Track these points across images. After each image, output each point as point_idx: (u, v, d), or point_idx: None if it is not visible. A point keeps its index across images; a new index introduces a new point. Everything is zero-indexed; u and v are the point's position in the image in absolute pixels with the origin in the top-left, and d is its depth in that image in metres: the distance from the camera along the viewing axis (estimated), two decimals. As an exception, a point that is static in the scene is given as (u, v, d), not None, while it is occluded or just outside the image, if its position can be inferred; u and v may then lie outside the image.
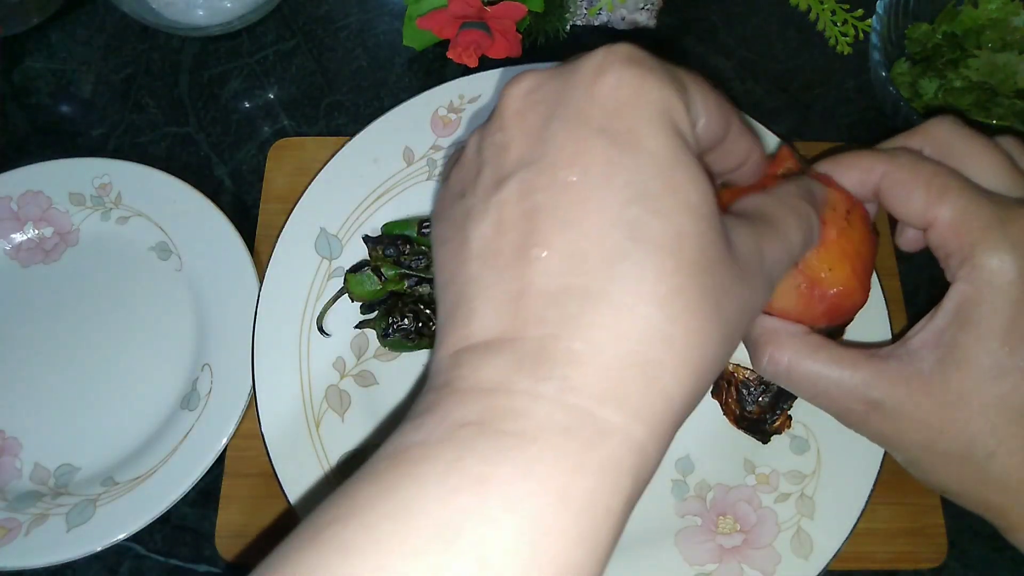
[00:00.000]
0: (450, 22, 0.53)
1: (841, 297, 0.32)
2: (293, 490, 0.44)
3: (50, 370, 0.50)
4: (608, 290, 0.22)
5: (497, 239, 0.24)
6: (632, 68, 0.25)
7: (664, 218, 0.23)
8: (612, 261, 0.22)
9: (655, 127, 0.24)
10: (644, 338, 0.22)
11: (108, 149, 0.58)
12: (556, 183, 0.24)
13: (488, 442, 0.21)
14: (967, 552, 0.48)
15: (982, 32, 0.54)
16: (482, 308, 0.24)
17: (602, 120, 0.24)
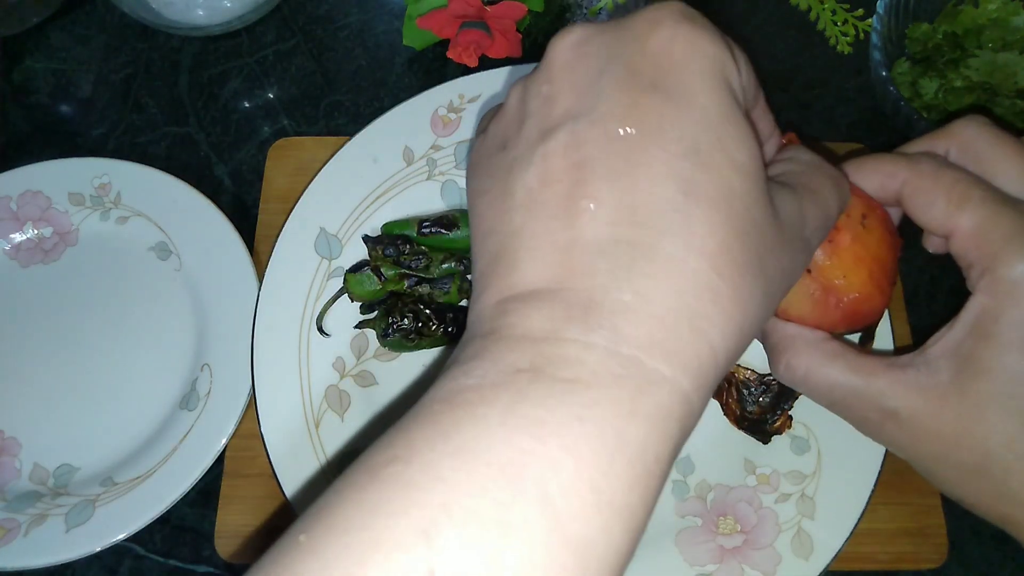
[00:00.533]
0: (450, 22, 0.53)
1: (858, 303, 0.31)
2: (293, 490, 0.44)
3: (49, 370, 0.50)
4: (658, 243, 0.22)
5: (543, 189, 0.24)
6: (686, 24, 0.25)
7: (715, 173, 0.23)
8: (663, 214, 0.23)
9: (708, 83, 0.24)
10: (692, 291, 0.22)
11: (108, 149, 0.58)
12: (607, 136, 0.24)
13: (543, 387, 0.21)
14: (968, 552, 0.48)
15: (982, 32, 0.54)
16: (528, 258, 0.24)
17: (655, 74, 0.24)
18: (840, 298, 0.31)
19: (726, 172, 0.23)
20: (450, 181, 0.52)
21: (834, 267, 0.31)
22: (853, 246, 0.31)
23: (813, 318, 0.32)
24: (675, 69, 0.24)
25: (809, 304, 0.32)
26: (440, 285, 0.48)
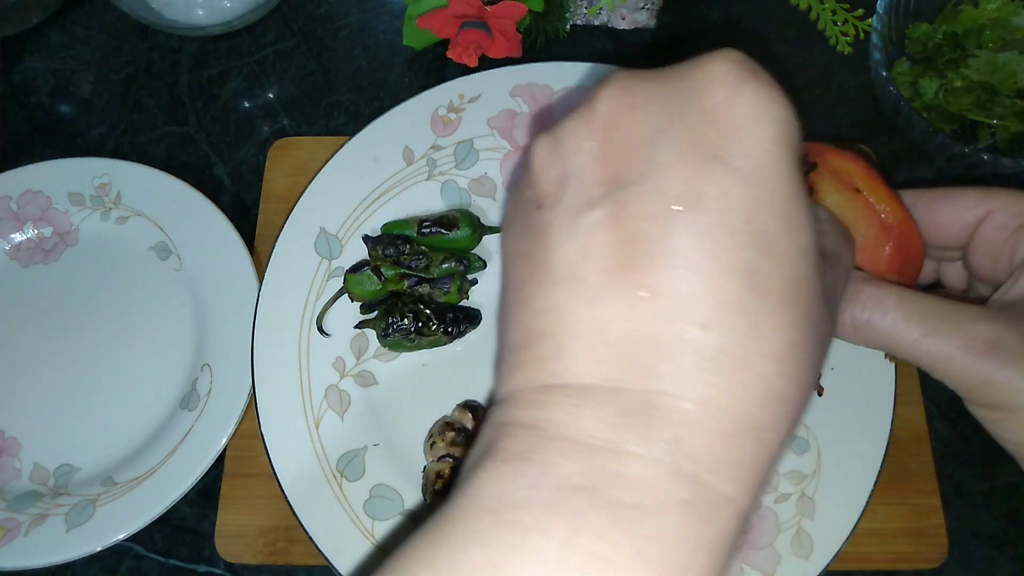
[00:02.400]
0: (450, 21, 0.53)
1: (907, 236, 0.30)
2: (293, 490, 0.44)
3: (49, 370, 0.50)
4: (724, 343, 0.20)
5: (586, 266, 0.22)
6: (750, 81, 0.22)
7: (781, 264, 0.21)
8: (728, 310, 0.20)
9: (776, 156, 0.22)
10: (760, 400, 0.21)
11: (107, 149, 0.58)
12: (662, 211, 0.21)
13: (603, 515, 0.20)
14: (967, 552, 0.48)
15: (982, 32, 0.54)
16: (574, 345, 0.22)
17: (716, 142, 0.21)
18: (890, 231, 0.30)
19: (792, 261, 0.21)
20: (450, 181, 0.52)
21: (876, 201, 0.30)
22: (885, 185, 0.30)
23: (865, 261, 0.30)
24: (739, 135, 0.22)
25: (870, 240, 0.30)
26: (440, 285, 0.48)
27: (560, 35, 0.60)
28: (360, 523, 0.44)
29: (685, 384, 0.20)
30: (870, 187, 0.30)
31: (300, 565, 0.46)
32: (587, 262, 0.22)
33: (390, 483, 0.45)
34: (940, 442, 0.50)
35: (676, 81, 0.23)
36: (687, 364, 0.20)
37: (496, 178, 0.53)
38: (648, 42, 0.62)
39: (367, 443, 0.46)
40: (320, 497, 0.44)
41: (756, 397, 0.21)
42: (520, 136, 0.54)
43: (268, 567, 0.46)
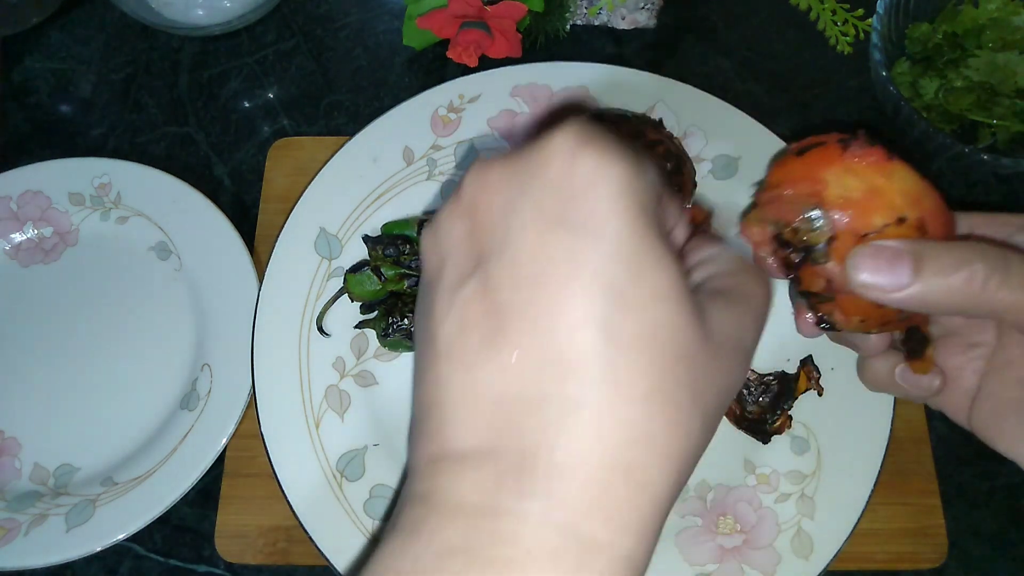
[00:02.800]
0: (450, 21, 0.53)
1: (940, 209, 0.29)
2: (293, 490, 0.44)
3: (49, 370, 0.50)
4: (585, 395, 0.22)
5: (462, 337, 0.23)
6: (584, 147, 0.23)
7: (635, 312, 0.22)
8: (587, 362, 0.22)
9: (617, 208, 0.22)
10: (625, 442, 0.22)
11: (107, 149, 0.58)
12: (520, 279, 0.23)
13: (477, 573, 0.21)
14: (968, 552, 0.48)
15: (982, 32, 0.54)
16: (455, 414, 0.23)
17: (559, 208, 0.23)
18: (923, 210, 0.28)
19: (648, 305, 0.22)
20: (450, 181, 0.52)
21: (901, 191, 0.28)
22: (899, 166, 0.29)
23: (941, 222, 0.29)
24: (580, 198, 0.23)
25: (940, 210, 0.28)
26: (440, 285, 0.48)
27: (560, 35, 0.60)
28: (360, 523, 0.44)
29: (552, 437, 0.21)
30: (891, 176, 0.28)
31: (300, 565, 0.46)
32: (464, 333, 0.23)
33: (390, 483, 0.45)
34: (940, 442, 0.50)
35: (523, 158, 0.24)
36: (553, 416, 0.22)
37: (496, 178, 0.53)
38: (648, 42, 0.62)
39: (367, 443, 0.46)
40: (320, 497, 0.44)
41: (621, 439, 0.21)
42: (520, 136, 0.54)
43: (268, 567, 0.46)
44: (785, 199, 0.29)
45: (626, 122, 0.47)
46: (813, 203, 0.29)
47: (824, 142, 0.30)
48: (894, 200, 0.28)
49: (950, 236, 0.29)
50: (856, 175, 0.28)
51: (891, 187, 0.28)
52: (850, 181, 0.28)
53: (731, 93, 0.58)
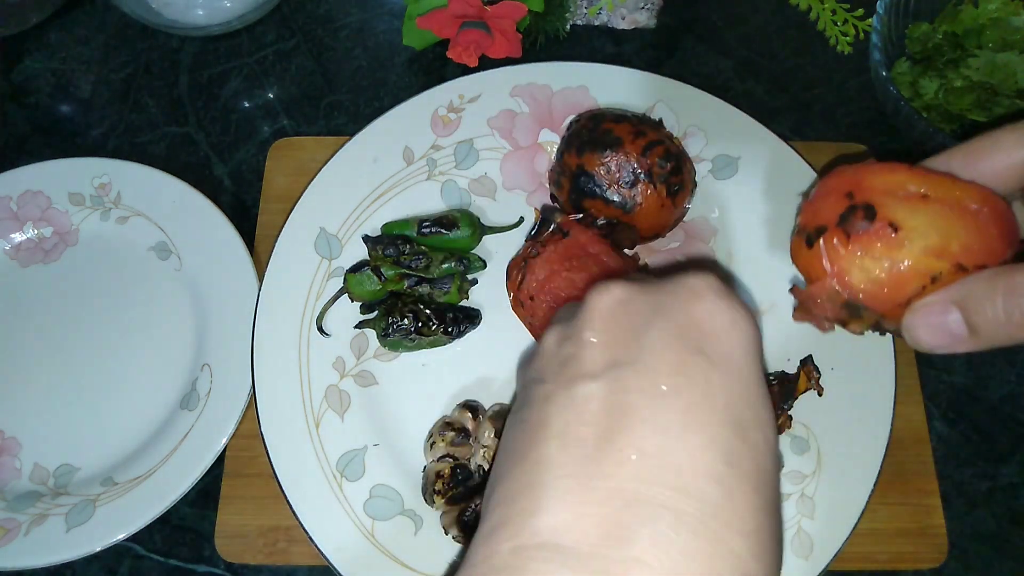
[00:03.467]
0: (450, 21, 0.53)
1: (998, 210, 0.28)
2: (293, 490, 0.44)
3: (49, 370, 0.50)
4: (701, 511, 0.22)
5: (580, 427, 0.24)
6: (725, 299, 0.26)
7: (753, 450, 0.24)
8: (707, 483, 0.23)
9: (750, 358, 0.25)
10: (728, 574, 0.22)
11: (107, 149, 0.58)
12: (652, 388, 0.24)
13: None
14: (968, 552, 0.48)
15: (982, 32, 0.54)
16: (560, 499, 0.23)
17: (700, 340, 0.25)
18: (984, 215, 0.28)
19: (762, 451, 0.24)
20: (450, 181, 0.52)
21: (950, 196, 0.28)
22: (936, 174, 0.29)
23: (985, 258, 0.28)
24: (719, 339, 0.25)
25: (975, 234, 0.28)
26: (440, 285, 0.48)
27: (560, 35, 0.60)
28: (360, 523, 0.44)
29: (663, 551, 0.22)
30: (932, 186, 0.29)
31: (300, 565, 0.46)
32: (582, 424, 0.24)
33: (390, 483, 0.45)
34: (940, 442, 0.50)
35: (665, 293, 0.27)
36: (665, 530, 0.22)
37: (496, 178, 0.53)
38: (648, 42, 0.62)
39: (367, 443, 0.46)
40: (320, 497, 0.44)
41: (726, 570, 0.22)
42: (520, 136, 0.54)
43: (268, 567, 0.46)
44: (817, 303, 0.30)
45: (626, 122, 0.47)
46: (843, 299, 0.29)
47: (824, 226, 0.29)
48: (919, 264, 0.28)
49: (999, 244, 0.28)
50: (871, 256, 0.28)
51: (912, 253, 0.28)
52: (868, 264, 0.28)
53: (731, 93, 0.58)
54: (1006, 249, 0.29)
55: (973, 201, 0.28)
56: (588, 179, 0.46)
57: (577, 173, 0.47)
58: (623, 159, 0.46)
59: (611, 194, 0.46)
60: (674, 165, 0.46)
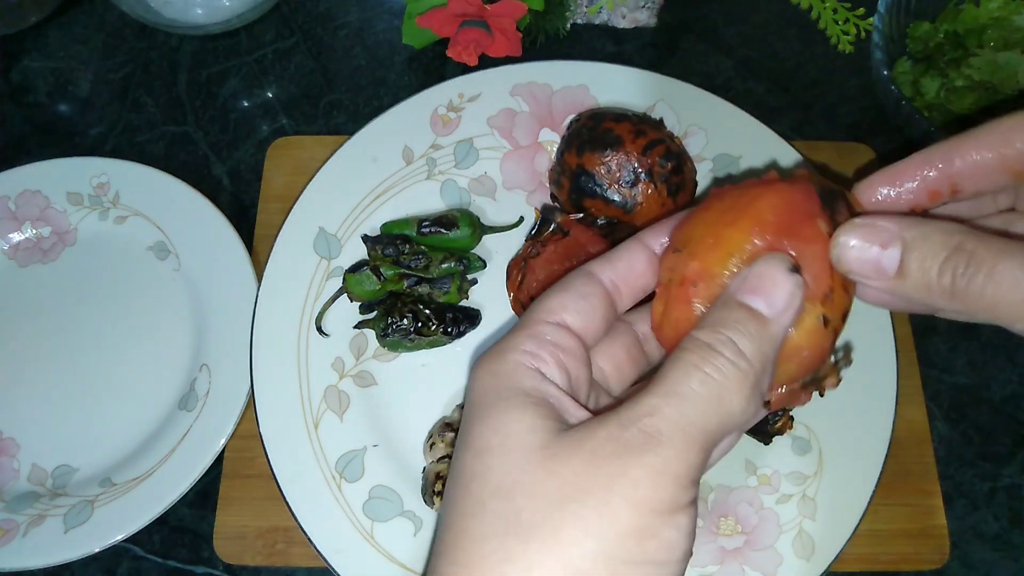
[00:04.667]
0: (450, 20, 0.53)
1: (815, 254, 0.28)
2: (292, 491, 0.44)
3: (47, 370, 0.50)
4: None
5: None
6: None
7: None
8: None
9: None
10: None
11: (106, 148, 0.58)
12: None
13: None
14: (969, 553, 0.48)
15: (984, 31, 0.54)
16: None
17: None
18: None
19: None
20: (450, 180, 0.52)
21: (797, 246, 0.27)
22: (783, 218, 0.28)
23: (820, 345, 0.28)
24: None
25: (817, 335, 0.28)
26: (440, 285, 0.48)
27: (560, 34, 0.60)
28: (359, 524, 0.44)
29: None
30: (781, 234, 0.28)
31: (299, 567, 0.46)
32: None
33: (390, 484, 0.45)
34: (942, 443, 0.50)
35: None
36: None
37: (496, 177, 0.53)
38: (648, 41, 0.62)
39: (366, 444, 0.46)
40: (319, 498, 0.44)
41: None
42: (520, 135, 0.53)
43: (267, 568, 0.46)
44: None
45: (626, 121, 0.47)
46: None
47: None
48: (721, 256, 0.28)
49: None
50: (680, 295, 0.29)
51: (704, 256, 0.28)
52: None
53: (732, 92, 0.58)
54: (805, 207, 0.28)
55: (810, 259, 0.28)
56: (588, 178, 0.46)
57: (577, 172, 0.47)
58: (623, 158, 0.46)
59: (611, 193, 0.46)
60: (675, 164, 0.46)
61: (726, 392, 0.25)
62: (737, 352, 0.25)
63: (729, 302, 0.26)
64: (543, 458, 0.24)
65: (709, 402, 0.25)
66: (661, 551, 0.23)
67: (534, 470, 0.24)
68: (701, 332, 0.26)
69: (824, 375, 0.29)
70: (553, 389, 0.27)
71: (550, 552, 0.23)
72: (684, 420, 0.24)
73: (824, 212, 0.27)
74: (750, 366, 0.25)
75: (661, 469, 0.23)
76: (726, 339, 0.25)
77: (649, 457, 0.23)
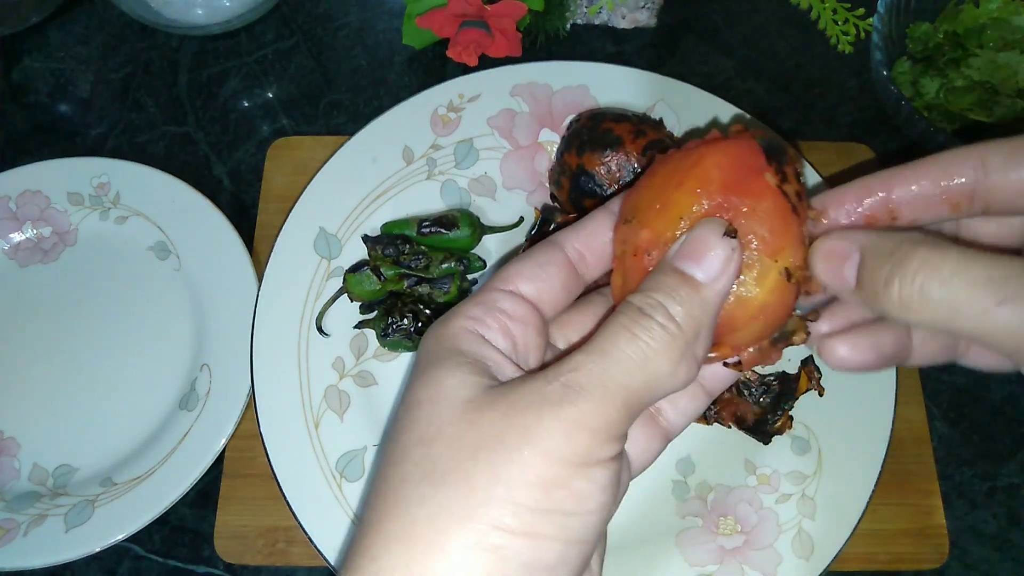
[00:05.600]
0: (450, 21, 0.53)
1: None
2: (292, 491, 0.44)
3: (48, 370, 0.50)
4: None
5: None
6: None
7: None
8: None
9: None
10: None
11: (106, 148, 0.58)
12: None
13: None
14: (969, 553, 0.48)
15: (983, 31, 0.54)
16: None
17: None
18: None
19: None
20: (450, 181, 0.52)
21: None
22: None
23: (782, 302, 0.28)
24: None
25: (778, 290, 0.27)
26: (440, 285, 0.48)
27: (560, 34, 0.60)
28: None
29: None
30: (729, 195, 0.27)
31: (299, 566, 0.46)
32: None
33: (390, 483, 0.45)
34: (941, 442, 0.50)
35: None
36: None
37: (496, 177, 0.53)
38: (648, 41, 0.62)
39: (367, 443, 0.46)
40: (319, 498, 0.44)
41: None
42: (520, 135, 0.53)
43: (267, 568, 0.46)
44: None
45: (626, 121, 0.47)
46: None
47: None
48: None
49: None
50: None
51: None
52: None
53: (732, 92, 0.58)
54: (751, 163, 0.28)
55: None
56: (588, 179, 0.46)
57: (577, 173, 0.47)
58: (623, 159, 0.46)
59: (611, 194, 0.46)
60: (674, 165, 0.46)
61: (653, 354, 0.25)
62: (667, 316, 0.26)
63: (664, 267, 0.27)
64: (465, 410, 0.25)
65: (634, 361, 0.25)
66: (569, 501, 0.24)
67: (457, 421, 0.25)
68: (635, 296, 0.26)
69: (792, 329, 0.29)
70: (493, 352, 0.27)
71: (459, 496, 0.23)
72: (606, 376, 0.25)
73: (770, 165, 0.27)
74: (680, 330, 0.26)
75: (576, 420, 0.24)
76: (656, 303, 0.26)
77: (566, 409, 0.24)
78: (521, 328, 0.29)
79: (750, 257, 0.27)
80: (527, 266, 0.30)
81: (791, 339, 0.29)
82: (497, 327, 0.28)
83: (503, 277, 0.29)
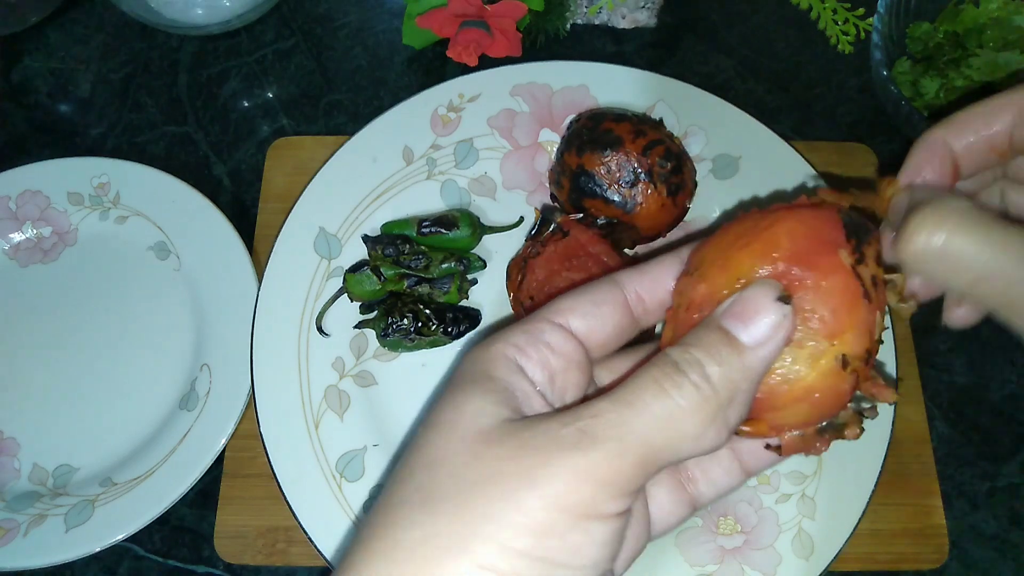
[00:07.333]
0: (450, 21, 0.53)
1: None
2: (292, 491, 0.44)
3: (48, 370, 0.50)
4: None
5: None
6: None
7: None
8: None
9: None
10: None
11: (106, 148, 0.58)
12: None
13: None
14: (969, 553, 0.48)
15: (983, 31, 0.54)
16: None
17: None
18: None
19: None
20: (450, 181, 0.52)
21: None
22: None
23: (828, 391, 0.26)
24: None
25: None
26: (440, 285, 0.48)
27: (560, 34, 0.60)
28: (360, 524, 0.44)
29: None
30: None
31: (299, 566, 0.46)
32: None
33: (390, 483, 0.45)
34: (941, 442, 0.50)
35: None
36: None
37: (496, 177, 0.53)
38: (648, 41, 0.62)
39: (367, 443, 0.46)
40: (319, 498, 0.44)
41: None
42: (520, 135, 0.53)
43: (267, 568, 0.46)
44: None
45: (626, 121, 0.47)
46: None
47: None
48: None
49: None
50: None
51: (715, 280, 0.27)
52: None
53: (731, 92, 0.58)
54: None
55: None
56: (588, 179, 0.46)
57: (577, 173, 0.47)
58: (623, 159, 0.46)
59: (611, 194, 0.46)
60: (674, 165, 0.46)
61: (680, 413, 0.24)
62: (703, 375, 0.24)
63: (709, 323, 0.26)
64: (476, 441, 0.24)
65: (658, 418, 0.23)
66: (561, 552, 0.23)
67: (464, 450, 0.24)
68: (674, 349, 0.25)
69: (844, 422, 0.27)
70: (525, 384, 0.26)
71: (449, 528, 0.23)
72: (625, 428, 0.23)
73: (848, 242, 0.26)
74: (713, 392, 0.24)
75: (584, 469, 0.23)
76: (694, 360, 0.24)
77: (575, 456, 0.23)
78: (562, 364, 0.27)
79: (806, 334, 0.25)
80: (582, 301, 0.28)
81: (842, 432, 0.27)
82: (537, 359, 0.27)
83: (555, 308, 0.28)
